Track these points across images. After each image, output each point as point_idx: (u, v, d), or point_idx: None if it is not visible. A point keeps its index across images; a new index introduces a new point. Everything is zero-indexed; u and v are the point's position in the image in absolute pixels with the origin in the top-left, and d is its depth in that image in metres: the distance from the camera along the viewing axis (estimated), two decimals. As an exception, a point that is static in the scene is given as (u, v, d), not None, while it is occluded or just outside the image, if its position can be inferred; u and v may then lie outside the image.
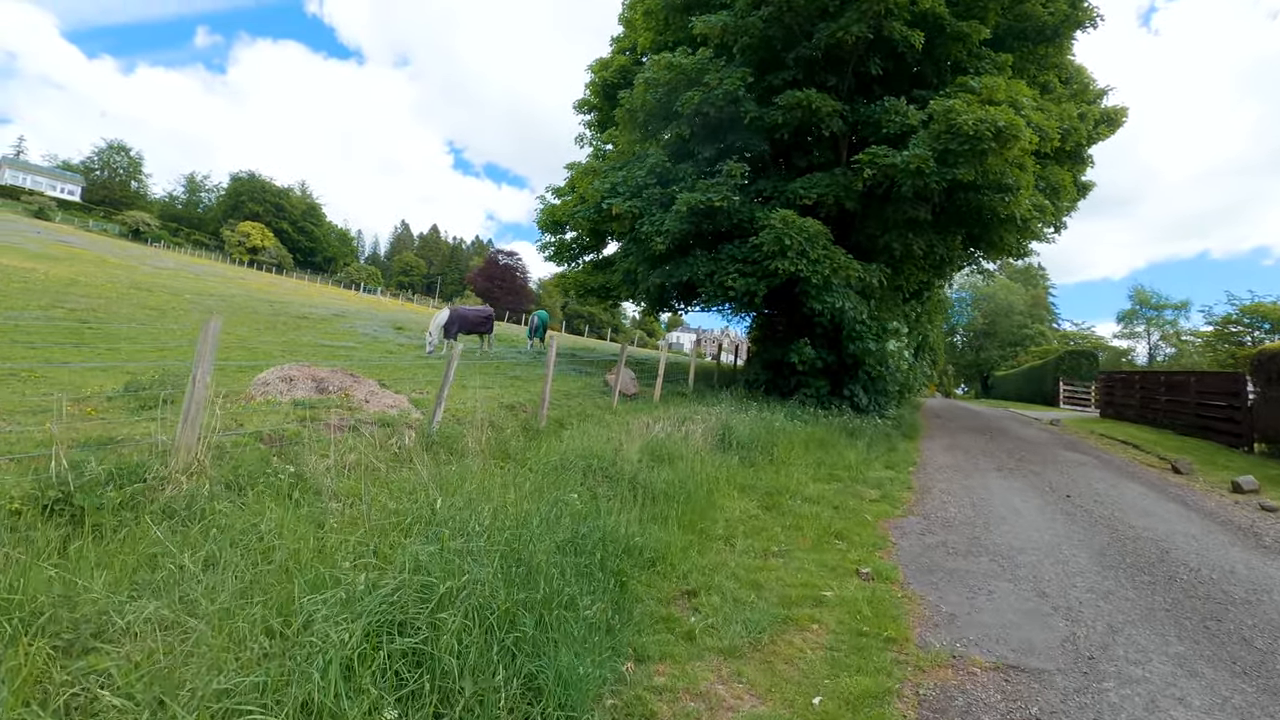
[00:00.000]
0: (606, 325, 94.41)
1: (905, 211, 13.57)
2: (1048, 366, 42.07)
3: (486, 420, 7.44)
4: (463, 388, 11.27)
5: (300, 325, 22.36)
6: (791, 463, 9.75)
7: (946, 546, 6.21)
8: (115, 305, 19.28)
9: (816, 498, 7.67)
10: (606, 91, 22.37)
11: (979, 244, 16.79)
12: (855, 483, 9.10)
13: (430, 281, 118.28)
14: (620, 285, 19.34)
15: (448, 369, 6.46)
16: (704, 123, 13.94)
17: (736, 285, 13.32)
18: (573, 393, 12.45)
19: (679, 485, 6.63)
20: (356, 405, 7.91)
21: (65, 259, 35.83)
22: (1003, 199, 13.08)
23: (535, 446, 7.03)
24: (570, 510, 4.48)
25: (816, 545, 5.88)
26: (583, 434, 7.92)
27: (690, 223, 13.54)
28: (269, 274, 69.85)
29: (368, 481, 4.67)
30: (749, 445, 9.58)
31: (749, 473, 8.63)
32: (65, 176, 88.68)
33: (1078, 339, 66.58)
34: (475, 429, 6.67)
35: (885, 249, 14.40)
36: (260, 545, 3.24)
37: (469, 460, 6.04)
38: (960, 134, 11.48)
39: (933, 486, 9.37)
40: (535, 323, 24.66)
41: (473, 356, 17.26)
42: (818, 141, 14.35)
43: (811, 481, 8.84)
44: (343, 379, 8.42)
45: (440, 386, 6.46)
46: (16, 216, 66.06)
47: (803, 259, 12.43)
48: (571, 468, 6.02)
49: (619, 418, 10.00)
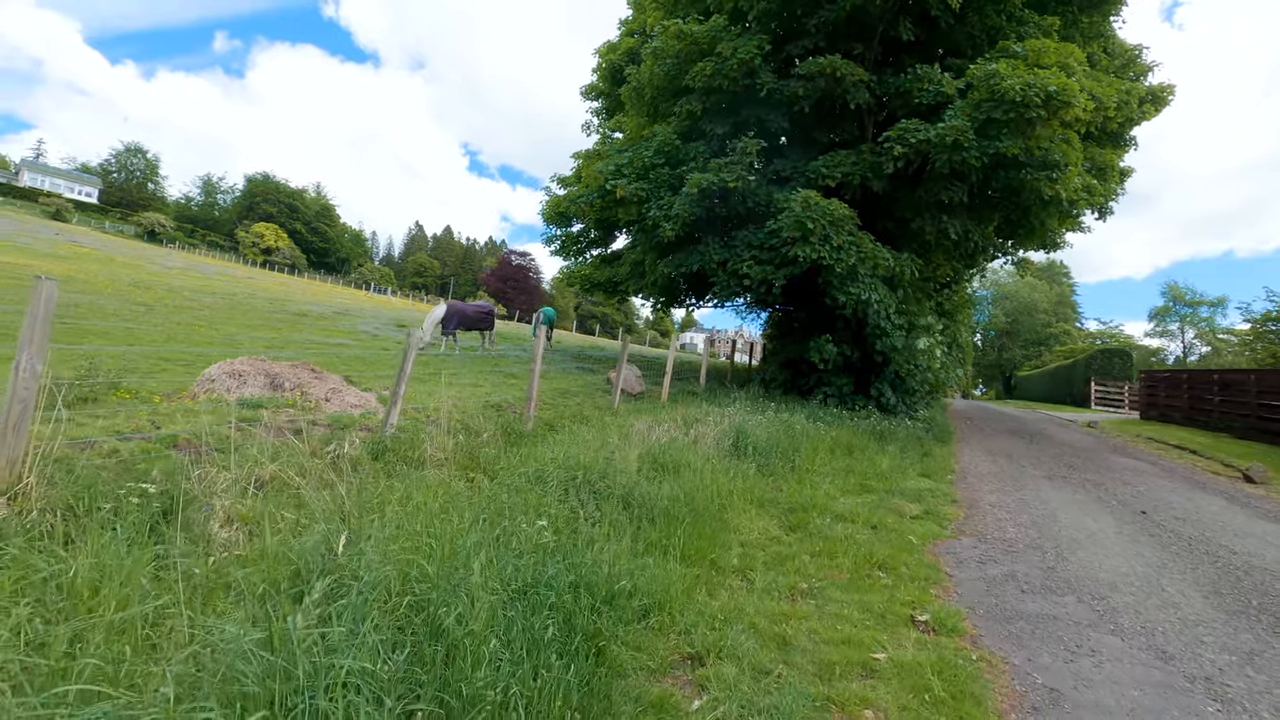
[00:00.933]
0: (619, 325, 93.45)
1: (938, 193, 12.30)
2: (1077, 366, 40.26)
3: (458, 422, 6.34)
4: (450, 384, 10.20)
5: (298, 322, 21.51)
6: (816, 471, 8.56)
7: (1016, 580, 4.99)
8: (101, 301, 18.52)
9: (849, 514, 6.47)
10: (614, 76, 21.28)
11: (1016, 231, 15.44)
12: (891, 495, 7.88)
13: (444, 282, 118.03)
14: (628, 279, 18.25)
15: (404, 362, 5.37)
16: (717, 97, 12.76)
17: (752, 274, 12.14)
18: (572, 391, 11.34)
19: (684, 501, 5.48)
20: (313, 404, 6.86)
21: (71, 258, 35.45)
22: (1048, 177, 11.77)
23: (515, 453, 5.91)
24: (531, 544, 3.35)
25: (855, 579, 4.69)
26: (573, 439, 6.80)
27: (702, 206, 12.38)
28: (281, 274, 69.68)
29: (272, 508, 3.58)
30: (767, 451, 8.39)
31: (768, 484, 7.46)
32: (83, 179, 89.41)
33: (1105, 338, 64.45)
34: (441, 432, 5.56)
35: (915, 235, 13.14)
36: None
37: (426, 472, 4.94)
38: (1005, 100, 10.20)
39: (980, 499, 8.13)
40: (540, 319, 23.62)
41: (471, 355, 16.23)
42: (840, 116, 13.10)
43: (841, 494, 7.65)
44: (302, 375, 7.37)
45: (395, 382, 5.36)
46: (34, 218, 66.45)
47: (826, 245, 11.21)
48: (551, 481, 4.89)
49: (619, 419, 8.86)
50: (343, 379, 7.87)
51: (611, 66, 20.94)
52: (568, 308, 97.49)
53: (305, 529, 3.31)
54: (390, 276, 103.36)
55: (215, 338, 14.15)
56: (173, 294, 25.15)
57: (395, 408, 5.32)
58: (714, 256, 12.79)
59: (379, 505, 3.61)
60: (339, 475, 4.63)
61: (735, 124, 13.15)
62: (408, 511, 3.47)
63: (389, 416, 5.31)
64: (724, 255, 12.78)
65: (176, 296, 24.36)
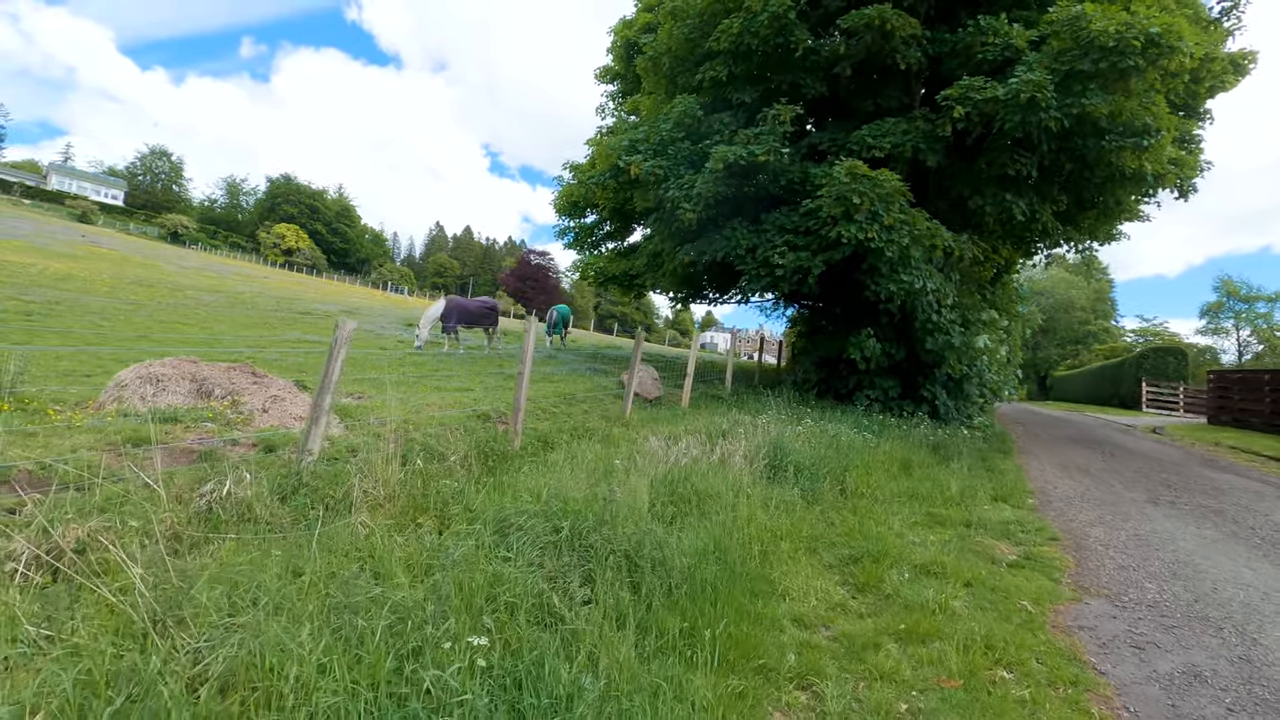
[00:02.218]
0: (637, 324, 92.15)
1: (1003, 165, 10.59)
2: (1126, 366, 37.78)
3: (417, 442, 4.90)
4: (437, 389, 8.81)
5: (297, 321, 20.39)
6: (872, 496, 7.00)
7: (1207, 682, 3.39)
8: (88, 299, 17.54)
9: (932, 565, 4.90)
10: (630, 55, 19.79)
11: (1084, 214, 13.61)
12: (971, 529, 6.28)
13: (463, 282, 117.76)
14: (645, 272, 16.75)
15: (329, 361, 3.92)
16: (745, 65, 11.20)
17: (785, 262, 10.55)
18: (578, 396, 9.86)
19: (714, 555, 4.00)
20: (243, 416, 5.46)
21: (85, 258, 35.03)
22: (1136, 146, 9.99)
23: (488, 485, 4.44)
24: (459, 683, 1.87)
25: (973, 689, 3.14)
26: (569, 462, 5.32)
27: (727, 185, 10.83)
28: (299, 274, 69.47)
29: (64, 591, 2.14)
30: (812, 471, 6.83)
31: (817, 516, 5.91)
32: (109, 181, 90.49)
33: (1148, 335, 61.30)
34: (387, 458, 4.11)
35: (975, 216, 11.43)
36: None
37: (354, 520, 3.50)
38: (1095, 47, 8.49)
39: (1083, 535, 6.47)
40: (554, 318, 22.20)
41: (475, 354, 14.87)
42: (885, 81, 11.45)
43: (909, 528, 6.08)
44: (239, 379, 5.99)
45: (318, 391, 3.92)
46: (60, 220, 67.04)
47: (874, 224, 9.58)
48: (524, 534, 3.41)
49: (631, 432, 7.37)
50: (294, 383, 6.47)
51: (627, 44, 19.46)
52: (587, 307, 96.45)
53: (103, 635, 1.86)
54: (410, 277, 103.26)
55: (195, 337, 12.98)
56: (174, 293, 24.28)
57: (317, 427, 3.87)
58: (741, 242, 11.22)
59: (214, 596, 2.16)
60: (212, 530, 3.20)
61: (765, 92, 11.58)
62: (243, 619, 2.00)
63: (307, 439, 3.87)
64: (753, 241, 11.21)
65: (177, 295, 23.46)
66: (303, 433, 3.95)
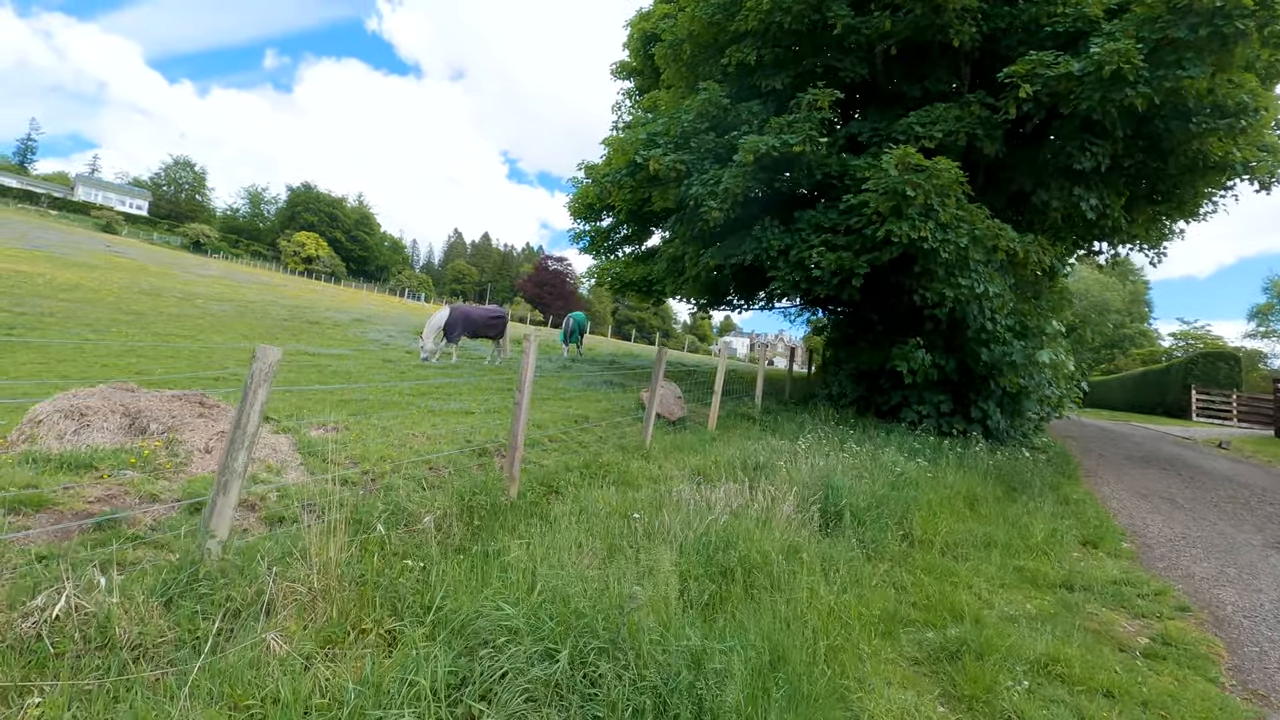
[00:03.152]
0: (655, 330, 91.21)
1: (1069, 155, 9.34)
2: (1172, 371, 35.76)
3: (373, 496, 3.87)
4: (431, 413, 7.79)
5: (303, 331, 19.63)
6: (942, 545, 5.82)
7: None
8: (87, 310, 16.92)
9: (1052, 664, 3.72)
10: (648, 49, 18.77)
11: (1156, 205, 12.25)
12: (1073, 592, 5.09)
13: (481, 288, 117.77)
14: (664, 277, 15.68)
15: (243, 406, 2.87)
16: (776, 52, 10.09)
17: (823, 264, 9.40)
18: (593, 418, 8.78)
19: (771, 665, 2.88)
20: (179, 460, 4.47)
21: (101, 267, 34.91)
22: (1230, 127, 8.69)
23: (464, 563, 3.37)
24: None
25: None
26: (577, 519, 4.23)
27: (757, 180, 9.73)
28: (317, 282, 69.48)
29: None
30: (870, 517, 5.67)
31: (883, 577, 4.78)
32: (134, 192, 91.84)
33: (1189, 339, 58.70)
34: (320, 535, 3.05)
35: (1037, 211, 10.18)
36: None
37: (269, 632, 2.45)
38: (1192, 10, 7.24)
39: (1216, 600, 5.23)
40: (570, 325, 21.20)
41: (477, 367, 13.89)
42: (933, 62, 10.26)
43: (998, 591, 4.92)
44: (182, 411, 5.00)
45: (226, 449, 2.88)
46: (85, 230, 67.88)
47: (928, 221, 8.40)
48: (503, 659, 2.33)
49: (653, 466, 6.27)
50: (252, 415, 5.47)
51: (644, 37, 18.45)
52: (604, 312, 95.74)
53: None
54: (429, 283, 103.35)
55: (184, 350, 12.17)
56: (182, 302, 23.74)
57: (225, 498, 2.82)
58: (773, 243, 10.08)
59: None
60: (36, 671, 2.17)
61: (797, 77, 10.45)
62: None
63: (211, 516, 2.82)
64: (785, 241, 10.07)
65: (184, 304, 22.90)
66: (207, 507, 2.90)
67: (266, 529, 3.79)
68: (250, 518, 3.90)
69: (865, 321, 13.69)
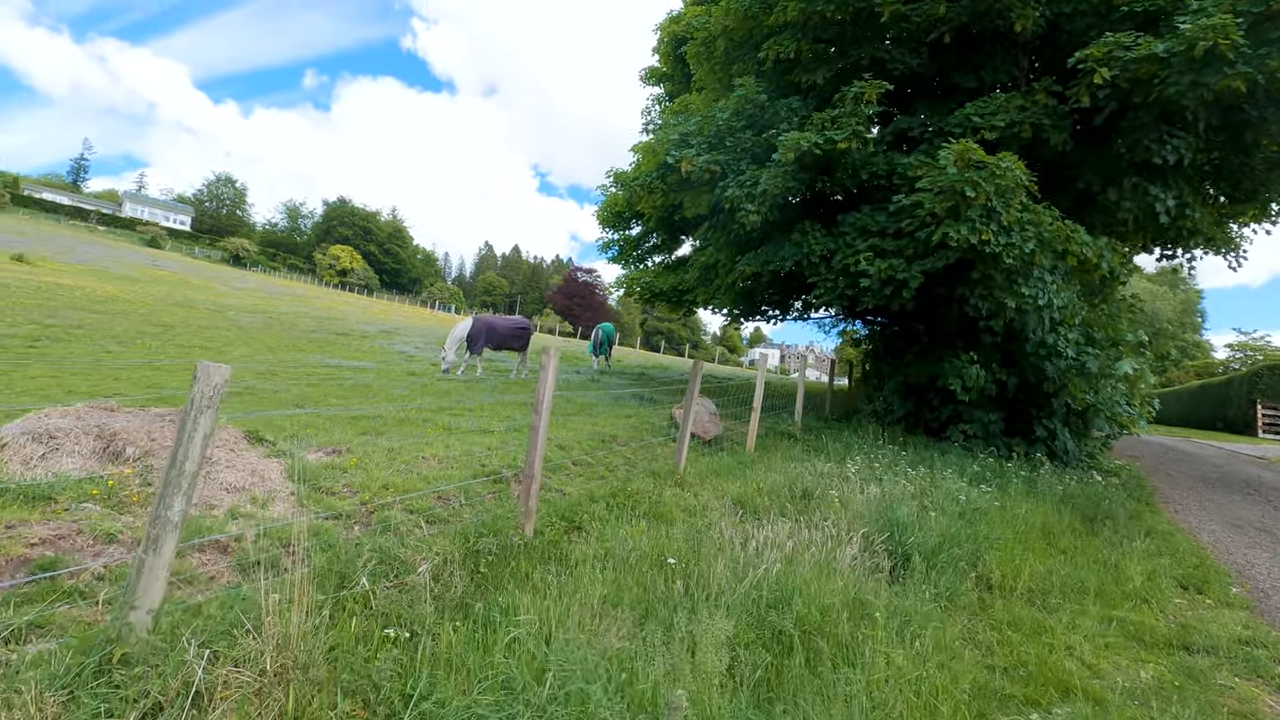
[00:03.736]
0: (684, 341, 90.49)
1: (1147, 148, 8.44)
2: (1234, 385, 33.66)
3: (367, 534, 3.28)
4: (447, 431, 7.23)
5: (330, 343, 19.46)
6: (1027, 591, 5.01)
7: None
8: (118, 321, 16.96)
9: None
10: (678, 53, 18.28)
11: (1229, 206, 11.21)
12: (1196, 653, 4.26)
13: (511, 300, 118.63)
14: (696, 286, 15.02)
15: (180, 442, 2.29)
16: (817, 33, 9.42)
17: (872, 270, 8.63)
18: (621, 437, 8.14)
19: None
20: (150, 491, 3.96)
21: (142, 280, 35.69)
22: (1336, 114, 7.71)
23: (463, 626, 2.75)
24: None
25: None
26: (601, 565, 3.58)
27: (798, 180, 9.03)
28: (350, 294, 70.52)
29: None
30: (940, 559, 4.90)
31: (963, 633, 4.01)
32: (178, 208, 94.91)
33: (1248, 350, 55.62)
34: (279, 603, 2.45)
35: (1104, 212, 9.29)
36: None
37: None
38: (1302, -21, 6.36)
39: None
40: (599, 336, 20.63)
41: (501, 379, 13.38)
42: (989, 51, 9.45)
43: (1102, 653, 4.12)
44: (164, 433, 4.51)
45: (157, 496, 2.30)
46: (130, 245, 70.16)
47: (990, 223, 7.59)
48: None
49: (688, 495, 5.58)
50: (244, 434, 4.96)
51: (674, 40, 17.94)
52: (633, 323, 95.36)
53: None
54: (459, 295, 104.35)
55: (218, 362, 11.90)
56: (214, 314, 23.88)
57: (155, 557, 2.22)
58: (815, 248, 9.35)
59: None
60: None
61: (841, 71, 9.74)
62: None
63: (135, 584, 2.23)
64: (829, 246, 9.33)
65: (215, 316, 23.02)
66: (132, 567, 2.32)
67: (239, 578, 3.23)
68: (221, 563, 3.33)
69: (910, 333, 12.82)
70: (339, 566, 3.04)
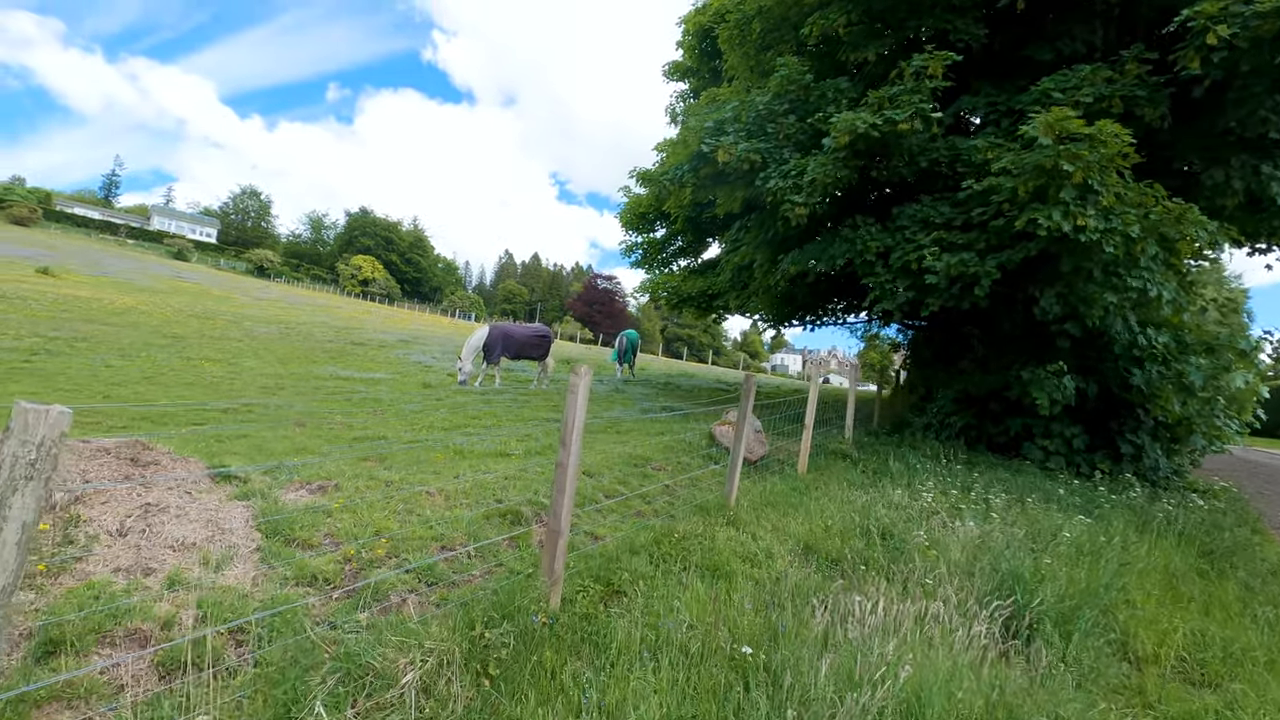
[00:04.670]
0: (706, 347, 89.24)
1: (1263, 120, 7.30)
2: (1298, 389, 31.62)
3: (339, 611, 2.32)
4: (459, 454, 6.33)
5: (345, 354, 18.79)
6: (1180, 665, 3.94)
7: None
8: (128, 333, 16.44)
9: None
10: (704, 46, 17.39)
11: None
12: None
13: (531, 307, 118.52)
14: (728, 290, 14.04)
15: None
16: (868, 4, 8.42)
17: (939, 267, 7.57)
18: (656, 459, 7.17)
19: None
20: (71, 550, 3.09)
21: (164, 291, 35.70)
22: None
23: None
24: None
25: None
26: (649, 661, 2.62)
27: (850, 168, 8.02)
28: (371, 303, 70.64)
29: None
30: (1075, 626, 3.85)
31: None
32: (204, 220, 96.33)
33: (1304, 352, 52.77)
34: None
35: (1206, 194, 8.14)
36: None
37: None
38: None
39: None
40: (624, 344, 19.71)
41: (521, 390, 12.51)
42: (1067, 18, 8.37)
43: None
44: (102, 471, 3.66)
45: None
46: (157, 258, 71.14)
47: (1086, 205, 6.50)
48: None
49: (743, 536, 4.59)
50: (208, 470, 4.08)
51: (700, 33, 17.04)
52: (654, 331, 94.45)
53: None
54: (480, 303, 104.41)
55: (204, 376, 11.22)
56: (231, 324, 23.45)
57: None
58: (870, 245, 8.32)
59: None
60: None
61: (895, 47, 8.75)
62: None
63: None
64: (885, 241, 8.31)
65: (232, 327, 22.56)
66: None
67: (161, 684, 2.33)
68: (139, 664, 2.43)
69: (962, 338, 11.66)
70: (287, 683, 2.12)
